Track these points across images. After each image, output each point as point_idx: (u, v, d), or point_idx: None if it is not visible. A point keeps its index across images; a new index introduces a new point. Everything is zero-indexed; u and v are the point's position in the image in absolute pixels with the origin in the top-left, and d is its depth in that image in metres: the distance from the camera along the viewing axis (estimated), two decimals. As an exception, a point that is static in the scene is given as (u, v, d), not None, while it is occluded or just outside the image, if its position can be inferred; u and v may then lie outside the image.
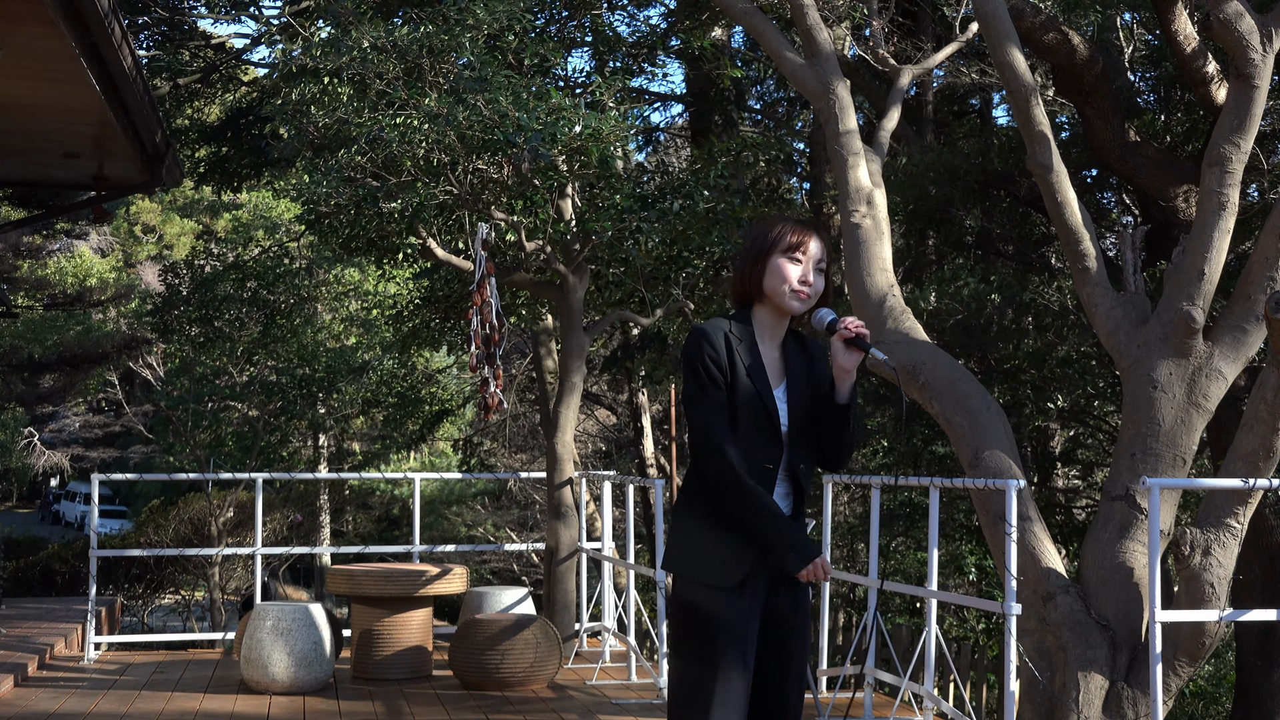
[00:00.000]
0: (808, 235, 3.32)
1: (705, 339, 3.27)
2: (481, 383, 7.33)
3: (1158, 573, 5.08)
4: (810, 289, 3.30)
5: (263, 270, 14.49)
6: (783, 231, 3.33)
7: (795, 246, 3.30)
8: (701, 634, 3.24)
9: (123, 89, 7.64)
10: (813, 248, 3.32)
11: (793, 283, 3.29)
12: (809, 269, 3.31)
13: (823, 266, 3.34)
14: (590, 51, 9.70)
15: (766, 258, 3.32)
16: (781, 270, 3.30)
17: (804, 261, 3.31)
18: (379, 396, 17.72)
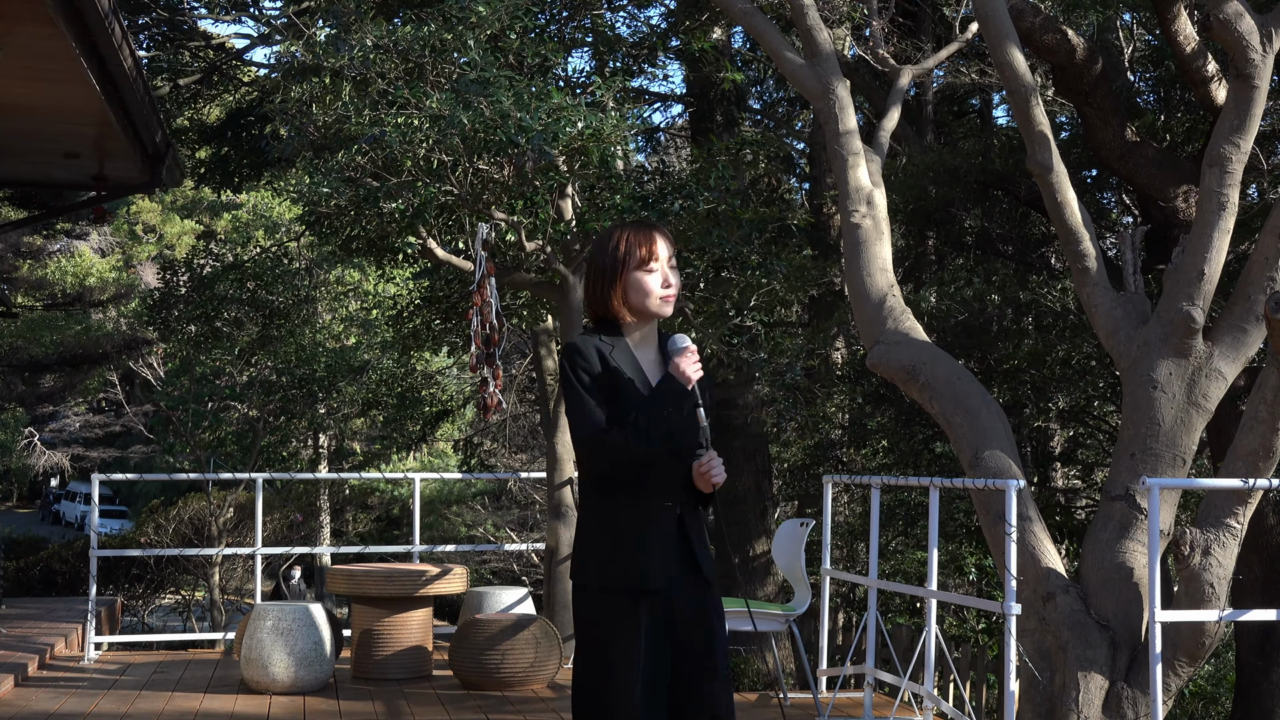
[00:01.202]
0: (652, 241, 3.37)
1: (576, 352, 3.33)
2: (481, 383, 7.34)
3: (1157, 573, 5.08)
4: (673, 289, 3.37)
5: (262, 270, 14.49)
6: (629, 246, 3.37)
7: (646, 259, 3.35)
8: (599, 643, 3.26)
9: (123, 89, 7.64)
10: (660, 250, 3.37)
11: (656, 293, 3.35)
12: (665, 272, 3.37)
13: (674, 264, 3.40)
14: (591, 52, 9.70)
15: (622, 276, 3.36)
16: (642, 285, 3.35)
17: (657, 269, 3.36)
18: (379, 397, 17.72)
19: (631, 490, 3.31)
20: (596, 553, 3.31)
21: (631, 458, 3.25)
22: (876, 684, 6.87)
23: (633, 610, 3.24)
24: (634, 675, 3.21)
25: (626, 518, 3.30)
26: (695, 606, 3.32)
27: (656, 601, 3.28)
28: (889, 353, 6.33)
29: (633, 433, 3.24)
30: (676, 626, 3.30)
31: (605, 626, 3.26)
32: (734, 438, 13.55)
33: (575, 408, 3.30)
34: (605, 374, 3.30)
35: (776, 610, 6.67)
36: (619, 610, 3.25)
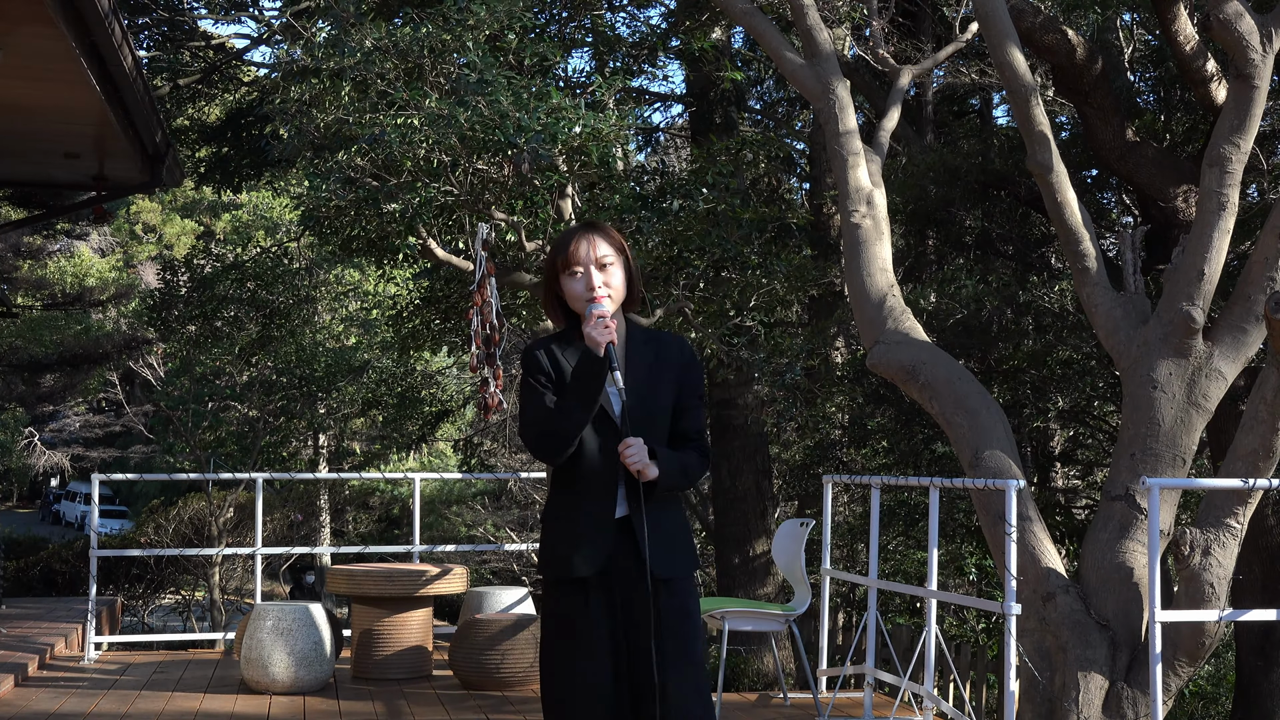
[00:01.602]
0: (572, 245, 3.40)
1: (527, 358, 3.41)
2: (481, 383, 7.33)
3: (1157, 573, 5.08)
4: (601, 290, 3.37)
5: (262, 270, 14.49)
6: (555, 254, 3.42)
7: (567, 264, 3.39)
8: (554, 636, 3.34)
9: (123, 89, 7.64)
10: (581, 252, 3.39)
11: (583, 297, 3.38)
12: (590, 275, 3.38)
13: (606, 261, 3.39)
14: (590, 52, 9.70)
15: (556, 284, 3.43)
16: (570, 289, 3.40)
17: (580, 271, 3.38)
18: (379, 396, 17.73)
19: (567, 484, 3.40)
20: (543, 545, 3.42)
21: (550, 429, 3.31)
22: (876, 684, 6.87)
23: (576, 601, 3.32)
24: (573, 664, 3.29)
25: (564, 511, 3.39)
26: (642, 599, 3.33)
27: (604, 592, 3.33)
28: (889, 353, 6.33)
29: (556, 413, 3.31)
30: (629, 619, 3.34)
31: (550, 617, 3.38)
32: (734, 438, 13.55)
33: (521, 409, 3.40)
34: (556, 374, 3.38)
35: (776, 610, 6.67)
36: (563, 601, 3.34)
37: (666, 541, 3.38)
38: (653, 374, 3.42)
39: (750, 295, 8.73)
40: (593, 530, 3.33)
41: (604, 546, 3.33)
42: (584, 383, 3.30)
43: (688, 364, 3.49)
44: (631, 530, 3.35)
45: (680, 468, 3.40)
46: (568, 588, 3.33)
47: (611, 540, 3.34)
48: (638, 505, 3.35)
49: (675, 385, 3.45)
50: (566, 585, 3.34)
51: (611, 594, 3.33)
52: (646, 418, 3.38)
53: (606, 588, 3.33)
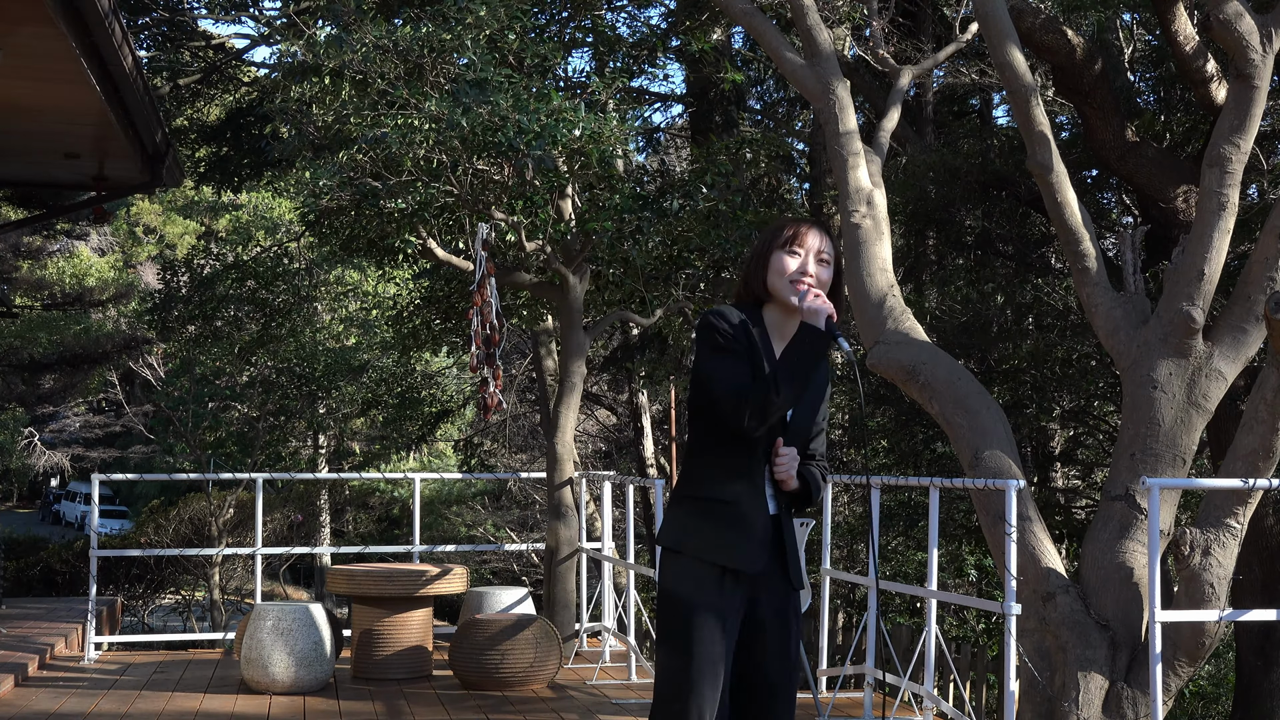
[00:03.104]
0: (805, 229, 3.33)
1: (720, 316, 3.28)
2: (481, 383, 7.34)
3: (1157, 573, 5.08)
4: (810, 279, 3.29)
5: (262, 270, 14.49)
6: (781, 227, 3.35)
7: (791, 239, 3.31)
8: (684, 621, 3.24)
9: (123, 89, 7.64)
10: (811, 240, 3.32)
11: (790, 274, 3.29)
12: (808, 260, 3.31)
13: (825, 258, 3.32)
14: (590, 52, 9.70)
15: (767, 255, 3.33)
16: (780, 264, 3.31)
17: (801, 254, 3.31)
18: (379, 396, 17.73)
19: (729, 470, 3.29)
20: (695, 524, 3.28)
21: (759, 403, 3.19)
22: (876, 684, 6.87)
23: (721, 585, 3.25)
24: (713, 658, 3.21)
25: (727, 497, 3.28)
26: (780, 603, 3.32)
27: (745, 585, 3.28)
28: (889, 353, 6.33)
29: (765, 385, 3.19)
30: (759, 618, 3.30)
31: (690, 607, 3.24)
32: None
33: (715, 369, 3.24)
34: (745, 338, 3.27)
35: (776, 610, 6.66)
36: (708, 581, 3.24)
37: (798, 549, 3.39)
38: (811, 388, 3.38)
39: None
40: (759, 526, 3.28)
41: (767, 543, 3.29)
42: (803, 357, 3.20)
43: (825, 383, 3.45)
44: (779, 531, 3.32)
45: (818, 488, 3.39)
46: (718, 571, 3.25)
47: (766, 538, 3.30)
48: (782, 507, 3.33)
49: (820, 403, 3.42)
50: (716, 570, 3.25)
51: (745, 589, 3.28)
52: (804, 428, 3.36)
53: (744, 582, 3.28)
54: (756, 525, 3.28)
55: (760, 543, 3.28)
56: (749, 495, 3.28)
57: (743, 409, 3.19)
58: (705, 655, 3.20)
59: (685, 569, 3.27)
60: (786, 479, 3.28)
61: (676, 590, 3.28)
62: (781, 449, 3.28)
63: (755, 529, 3.28)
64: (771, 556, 3.31)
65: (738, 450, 3.28)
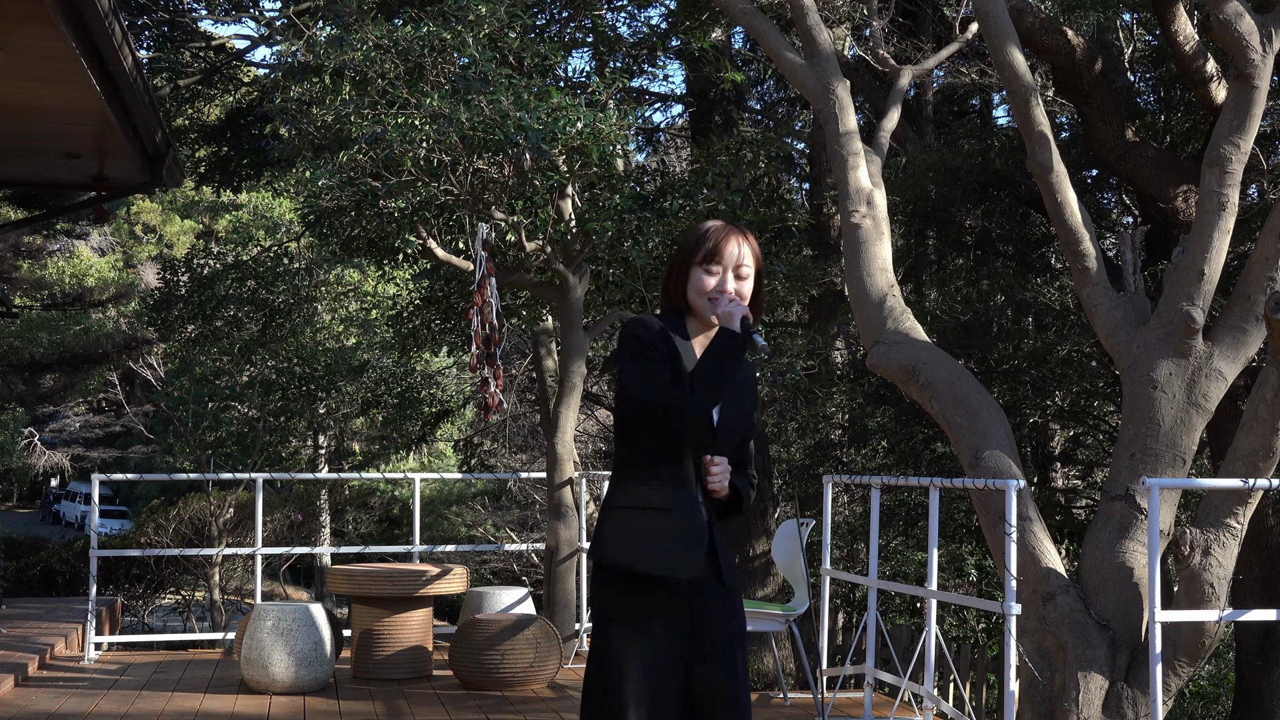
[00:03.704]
0: (722, 242, 3.29)
1: (640, 325, 3.25)
2: (481, 383, 7.33)
3: (1157, 573, 5.08)
4: (730, 295, 3.26)
5: (262, 270, 14.50)
6: (700, 240, 3.30)
7: (710, 256, 3.28)
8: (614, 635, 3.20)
9: (123, 89, 7.64)
10: (729, 253, 3.28)
11: (708, 293, 3.27)
12: (726, 278, 3.27)
13: (745, 272, 3.29)
14: (590, 52, 9.71)
15: (687, 269, 3.31)
16: (699, 282, 3.28)
17: (719, 270, 3.28)
18: (379, 397, 17.73)
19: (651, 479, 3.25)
20: (625, 537, 3.24)
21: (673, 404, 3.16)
22: (876, 684, 6.87)
23: (653, 599, 3.20)
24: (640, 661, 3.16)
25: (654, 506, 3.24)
26: (718, 609, 3.27)
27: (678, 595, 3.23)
28: (889, 353, 6.33)
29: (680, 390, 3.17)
30: (699, 626, 3.26)
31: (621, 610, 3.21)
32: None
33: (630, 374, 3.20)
34: (665, 345, 3.23)
35: (776, 610, 6.67)
36: (639, 597, 3.20)
37: (730, 553, 3.35)
38: (739, 391, 3.35)
39: (750, 295, 8.72)
40: (691, 533, 3.23)
41: (701, 550, 3.24)
42: (721, 358, 3.17)
43: (754, 381, 3.43)
44: (712, 537, 3.28)
45: (747, 497, 3.37)
46: (646, 584, 3.20)
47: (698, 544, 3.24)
48: (713, 513, 3.30)
49: (749, 404, 3.38)
50: (645, 581, 3.20)
51: (683, 597, 3.23)
52: (734, 434, 3.32)
53: (680, 590, 3.23)
54: (689, 532, 3.24)
55: (693, 550, 3.23)
56: (679, 502, 3.24)
57: (660, 410, 3.17)
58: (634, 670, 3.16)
59: (616, 581, 3.23)
60: (719, 489, 3.25)
61: (607, 604, 3.24)
62: (715, 459, 3.25)
63: (687, 536, 3.23)
64: (706, 563, 3.26)
65: (666, 458, 3.24)
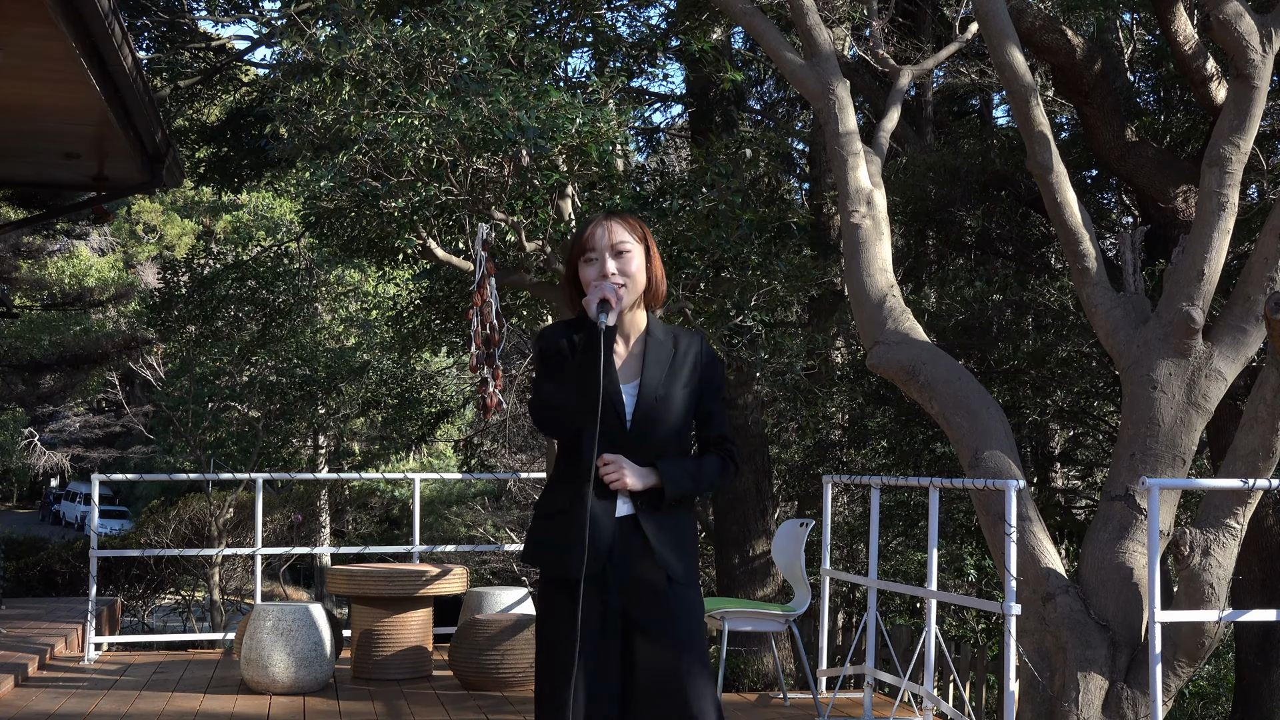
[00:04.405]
0: (590, 231, 3.33)
1: (543, 337, 3.31)
2: (481, 383, 7.33)
3: (1157, 573, 5.08)
4: (616, 277, 3.27)
5: (262, 270, 14.50)
6: (575, 239, 3.36)
7: (583, 250, 3.32)
8: (545, 630, 3.26)
9: (123, 89, 7.64)
10: (599, 238, 3.31)
11: (593, 282, 3.28)
12: (604, 261, 3.29)
13: (624, 248, 3.30)
14: (590, 52, 9.71)
15: (576, 272, 3.34)
16: (585, 276, 3.31)
17: (596, 256, 3.30)
18: (379, 397, 17.73)
19: (568, 479, 3.28)
20: (535, 541, 3.31)
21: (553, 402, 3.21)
22: (876, 684, 6.87)
23: (569, 599, 3.21)
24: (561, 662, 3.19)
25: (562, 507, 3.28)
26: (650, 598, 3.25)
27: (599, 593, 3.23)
28: (889, 353, 6.33)
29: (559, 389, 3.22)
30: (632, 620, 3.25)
31: (544, 615, 3.28)
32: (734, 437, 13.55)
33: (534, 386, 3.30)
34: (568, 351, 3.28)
35: (776, 610, 6.67)
36: (557, 599, 3.24)
37: (674, 543, 3.29)
38: (669, 373, 3.31)
39: (750, 295, 8.73)
40: (593, 530, 3.22)
41: (603, 547, 3.23)
42: (582, 352, 3.19)
43: (709, 363, 3.38)
44: (637, 529, 3.26)
45: (690, 476, 3.30)
46: (561, 586, 3.23)
47: (610, 541, 3.24)
48: (643, 505, 3.27)
49: (694, 386, 3.34)
50: (560, 583, 3.24)
51: (608, 595, 3.23)
52: (658, 419, 3.28)
53: (603, 588, 3.23)
54: (593, 530, 3.23)
55: (597, 547, 3.23)
56: (580, 502, 3.24)
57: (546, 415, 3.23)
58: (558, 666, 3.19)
59: (540, 584, 3.31)
60: (618, 485, 3.23)
61: (537, 605, 3.33)
62: (606, 458, 3.23)
63: (586, 535, 3.21)
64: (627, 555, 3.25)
65: (570, 460, 3.29)
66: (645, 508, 3.28)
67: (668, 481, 3.26)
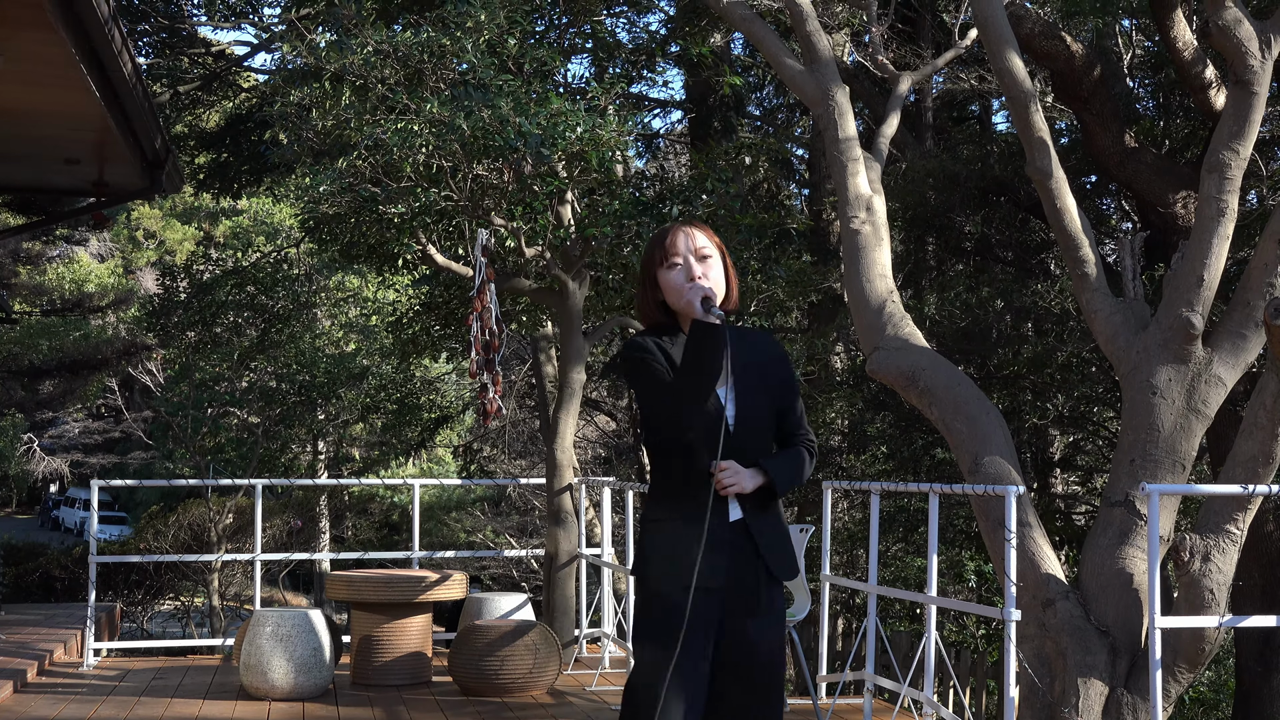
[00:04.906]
0: (670, 238, 3.38)
1: (637, 347, 3.32)
2: (481, 389, 7.33)
3: (1157, 579, 5.08)
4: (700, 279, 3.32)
5: (262, 276, 14.50)
6: (653, 247, 3.40)
7: (666, 255, 3.36)
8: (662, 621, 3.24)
9: (123, 95, 7.65)
10: (680, 245, 3.36)
11: (682, 288, 3.33)
12: (690, 264, 3.34)
13: (705, 252, 3.37)
14: (590, 58, 9.72)
15: (654, 278, 3.38)
16: (668, 283, 3.36)
17: (680, 262, 3.35)
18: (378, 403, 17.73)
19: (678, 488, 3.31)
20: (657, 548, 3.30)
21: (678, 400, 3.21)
22: (876, 690, 6.86)
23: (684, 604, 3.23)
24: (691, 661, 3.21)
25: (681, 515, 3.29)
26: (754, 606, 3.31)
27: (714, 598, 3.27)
28: (888, 359, 6.33)
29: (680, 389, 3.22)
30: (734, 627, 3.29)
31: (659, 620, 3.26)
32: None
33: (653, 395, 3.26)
34: (665, 358, 3.30)
35: (776, 616, 6.65)
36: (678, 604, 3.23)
37: (780, 541, 3.36)
38: (754, 374, 3.37)
39: (750, 300, 8.73)
40: (716, 538, 3.27)
41: (727, 553, 3.28)
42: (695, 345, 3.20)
43: (780, 358, 3.45)
44: (747, 532, 3.31)
45: (795, 469, 3.36)
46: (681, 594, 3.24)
47: (729, 547, 3.29)
48: (751, 507, 3.32)
49: (774, 382, 3.40)
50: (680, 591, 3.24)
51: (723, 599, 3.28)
52: (754, 419, 3.34)
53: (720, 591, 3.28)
54: (711, 538, 3.26)
55: (719, 554, 3.27)
56: (698, 509, 3.26)
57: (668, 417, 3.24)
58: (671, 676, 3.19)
59: (649, 594, 3.30)
60: (736, 490, 3.27)
61: (643, 616, 3.32)
62: (720, 466, 3.26)
63: (706, 542, 3.25)
64: (738, 563, 3.30)
65: (681, 467, 3.30)
66: (753, 509, 3.33)
67: (777, 480, 3.32)
